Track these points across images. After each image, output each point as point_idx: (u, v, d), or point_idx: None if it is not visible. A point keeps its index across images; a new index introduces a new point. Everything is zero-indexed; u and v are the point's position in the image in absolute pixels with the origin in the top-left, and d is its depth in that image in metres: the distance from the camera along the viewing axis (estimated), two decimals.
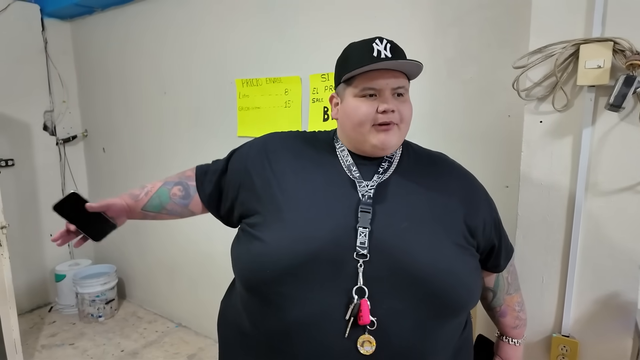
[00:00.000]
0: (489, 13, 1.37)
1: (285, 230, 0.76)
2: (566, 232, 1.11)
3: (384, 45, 0.79)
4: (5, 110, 2.60)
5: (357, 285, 0.71)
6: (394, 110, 0.78)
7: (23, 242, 2.75)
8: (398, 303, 0.72)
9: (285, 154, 0.87)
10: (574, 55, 1.01)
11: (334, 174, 0.83)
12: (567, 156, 1.09)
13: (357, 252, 0.72)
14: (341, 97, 0.84)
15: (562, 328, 1.13)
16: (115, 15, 2.61)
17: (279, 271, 0.74)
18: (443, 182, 0.85)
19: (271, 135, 0.93)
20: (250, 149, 0.91)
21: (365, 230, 0.74)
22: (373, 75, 0.78)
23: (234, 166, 0.91)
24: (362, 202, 0.77)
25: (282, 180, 0.82)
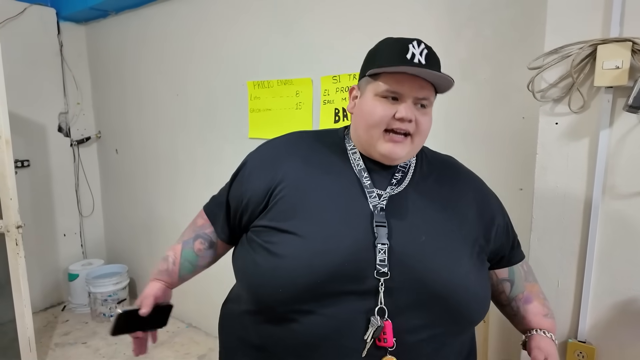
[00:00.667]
0: (503, 13, 1.36)
1: (301, 245, 0.71)
2: (582, 235, 1.09)
3: (420, 49, 0.73)
4: (21, 112, 2.65)
5: (379, 306, 0.68)
6: (411, 120, 0.73)
7: (37, 242, 2.80)
8: (417, 320, 0.71)
9: (293, 161, 0.80)
10: (591, 56, 1.00)
11: (346, 181, 0.78)
12: (583, 158, 1.07)
13: (377, 270, 0.69)
14: (362, 91, 0.78)
15: (579, 333, 1.11)
16: (129, 18, 2.65)
17: (297, 291, 0.70)
18: (458, 189, 0.84)
19: (274, 144, 0.87)
20: (252, 163, 0.85)
21: (385, 246, 0.70)
22: (401, 78, 0.72)
23: (236, 193, 0.84)
24: (376, 215, 0.73)
25: (292, 191, 0.76)
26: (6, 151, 1.82)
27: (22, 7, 2.61)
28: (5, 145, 1.82)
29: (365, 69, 0.78)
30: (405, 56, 0.72)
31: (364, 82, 0.78)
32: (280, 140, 0.87)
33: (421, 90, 0.73)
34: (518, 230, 1.30)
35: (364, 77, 0.78)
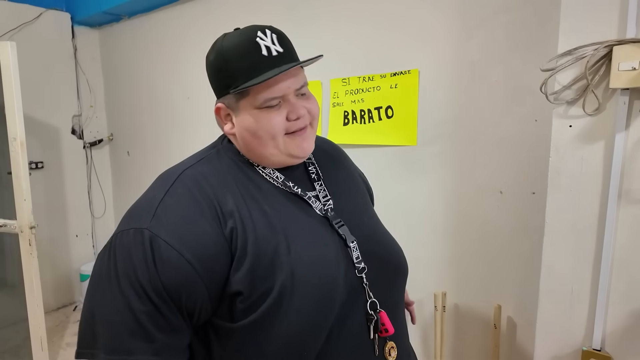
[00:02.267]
0: (516, 15, 1.34)
1: (297, 294, 0.62)
2: (597, 240, 1.07)
3: (269, 37, 0.65)
4: (36, 115, 2.70)
5: (369, 300, 0.68)
6: (303, 114, 0.68)
7: (50, 242, 2.84)
8: (391, 294, 0.74)
9: (226, 204, 0.64)
10: (606, 57, 0.98)
11: (282, 199, 0.69)
12: (598, 162, 1.05)
13: (357, 269, 0.69)
14: (233, 110, 0.68)
15: (593, 341, 1.08)
16: (141, 22, 2.69)
17: (318, 341, 0.64)
18: (341, 162, 0.87)
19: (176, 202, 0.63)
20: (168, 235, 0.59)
21: (354, 243, 0.70)
22: (270, 82, 0.64)
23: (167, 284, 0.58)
24: (331, 217, 0.71)
25: (250, 237, 0.62)
26: (21, 153, 1.85)
27: (38, 12, 2.66)
28: (20, 147, 1.85)
29: (223, 85, 0.67)
30: (261, 54, 0.63)
31: (231, 99, 0.67)
32: (181, 192, 0.65)
33: (296, 80, 0.67)
34: (531, 234, 1.28)
35: (225, 94, 0.67)
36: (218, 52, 0.67)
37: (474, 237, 1.55)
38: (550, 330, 1.14)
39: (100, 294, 0.60)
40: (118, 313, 0.57)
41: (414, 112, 1.59)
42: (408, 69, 1.59)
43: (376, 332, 0.68)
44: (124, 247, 0.59)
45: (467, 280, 1.58)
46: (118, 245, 0.60)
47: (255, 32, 0.65)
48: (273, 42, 0.65)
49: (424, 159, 1.63)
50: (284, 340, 0.62)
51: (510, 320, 1.49)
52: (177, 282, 0.58)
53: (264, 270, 0.61)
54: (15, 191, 1.88)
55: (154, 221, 0.60)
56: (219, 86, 0.69)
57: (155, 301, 0.57)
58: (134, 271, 0.57)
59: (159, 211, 0.61)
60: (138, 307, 0.57)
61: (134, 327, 0.57)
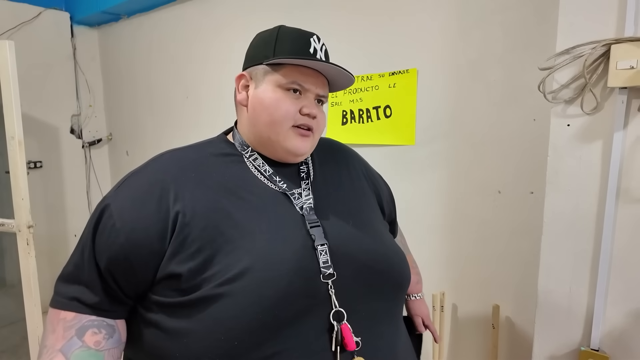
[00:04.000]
0: (514, 14, 1.34)
1: (241, 282, 0.60)
2: (595, 240, 1.06)
3: (320, 44, 0.72)
4: (35, 114, 2.70)
5: (333, 310, 0.64)
6: (316, 116, 0.70)
7: (49, 242, 2.83)
8: (373, 305, 0.69)
9: (185, 189, 0.65)
10: (604, 56, 0.97)
11: (261, 191, 0.69)
12: (596, 161, 1.04)
13: (323, 274, 0.64)
14: (256, 82, 0.70)
15: (591, 342, 1.08)
16: (141, 21, 2.69)
17: (251, 333, 0.60)
18: (348, 166, 0.85)
19: (141, 177, 0.68)
20: (119, 207, 0.64)
21: (324, 247, 0.66)
22: (306, 72, 0.69)
23: (109, 251, 0.62)
24: (307, 216, 0.69)
25: (199, 225, 0.62)
26: (19, 152, 1.85)
27: (37, 11, 2.66)
28: (18, 146, 1.84)
29: (260, 56, 0.70)
30: (308, 50, 0.69)
31: (259, 71, 0.70)
32: (149, 170, 0.68)
33: (323, 88, 0.72)
34: (529, 234, 1.28)
35: (258, 64, 0.70)
36: (274, 30, 0.72)
37: (472, 237, 1.55)
38: (549, 330, 1.14)
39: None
40: (70, 260, 0.66)
41: (412, 111, 1.59)
42: (406, 69, 1.58)
43: (339, 344, 0.63)
44: (95, 210, 0.68)
45: (465, 280, 1.58)
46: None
47: (312, 34, 0.72)
48: (321, 49, 0.72)
49: (422, 159, 1.62)
50: (218, 327, 0.59)
51: (509, 320, 1.49)
52: (104, 247, 0.62)
53: (207, 257, 0.61)
54: (13, 190, 1.88)
55: (114, 193, 0.67)
56: (257, 55, 0.72)
57: (86, 256, 0.64)
58: (87, 227, 0.65)
59: (122, 185, 0.67)
60: (75, 257, 0.65)
61: (67, 271, 0.66)
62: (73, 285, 0.64)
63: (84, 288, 0.64)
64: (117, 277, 0.63)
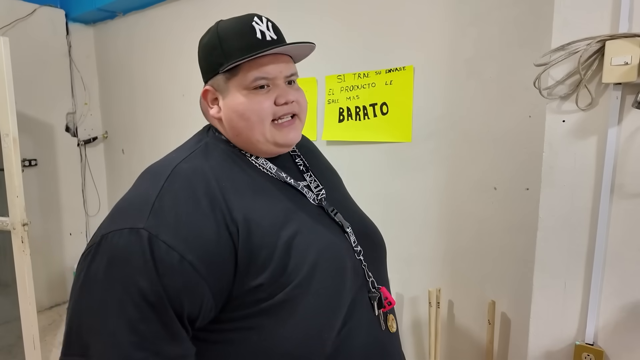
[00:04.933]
0: (510, 11, 1.35)
1: (316, 276, 0.63)
2: (590, 235, 1.07)
3: (264, 24, 0.67)
4: (29, 112, 2.68)
5: (370, 279, 0.72)
6: (293, 100, 0.69)
7: (44, 240, 2.82)
8: (381, 271, 0.78)
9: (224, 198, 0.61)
10: (599, 52, 0.98)
11: (280, 187, 0.70)
12: (591, 157, 1.05)
13: (356, 252, 0.72)
14: (222, 92, 0.68)
15: (586, 336, 1.09)
16: (136, 19, 2.67)
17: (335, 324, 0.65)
18: (314, 149, 0.89)
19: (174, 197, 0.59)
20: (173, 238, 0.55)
21: (350, 229, 0.73)
22: (263, 61, 0.65)
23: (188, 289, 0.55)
24: (326, 206, 0.73)
25: (257, 231, 0.60)
26: (13, 149, 1.83)
27: (32, 8, 2.64)
28: (13, 144, 1.83)
29: (214, 66, 0.67)
30: (256, 37, 0.65)
31: (220, 80, 0.68)
32: (179, 186, 0.60)
33: (287, 67, 0.68)
34: (525, 230, 1.29)
35: (215, 74, 0.68)
36: (213, 33, 0.69)
37: (468, 233, 1.55)
38: (544, 326, 1.14)
39: (91, 301, 0.54)
40: (114, 324, 0.52)
41: (408, 108, 1.59)
42: (403, 66, 1.59)
43: (380, 307, 0.71)
44: (117, 250, 0.54)
45: (461, 277, 1.59)
46: (109, 247, 0.55)
47: (252, 17, 0.68)
48: (268, 28, 0.68)
49: (419, 156, 1.63)
50: (302, 325, 0.62)
51: (504, 316, 1.49)
52: (180, 287, 0.54)
53: (279, 261, 0.60)
54: (8, 188, 1.86)
55: (151, 220, 0.54)
56: (210, 66, 0.69)
57: (157, 308, 0.53)
58: (131, 276, 0.52)
59: (156, 208, 0.56)
60: (135, 315, 0.52)
61: (131, 338, 0.52)
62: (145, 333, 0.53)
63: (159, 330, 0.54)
64: (200, 317, 0.57)
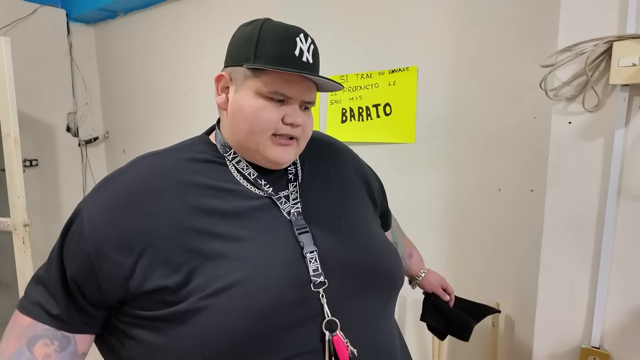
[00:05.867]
0: (515, 11, 1.34)
1: (229, 295, 0.57)
2: (596, 238, 1.06)
3: (307, 44, 0.65)
4: (30, 112, 2.67)
5: (326, 319, 0.61)
6: (300, 125, 0.66)
7: (45, 241, 2.79)
8: (370, 305, 0.68)
9: (161, 199, 0.62)
10: (606, 53, 0.97)
11: (245, 196, 0.66)
12: (598, 158, 1.04)
13: (313, 282, 0.62)
14: (237, 84, 0.66)
15: (592, 339, 1.08)
16: (138, 19, 2.66)
17: (244, 344, 0.58)
18: (338, 161, 0.82)
19: (118, 184, 0.64)
20: (91, 215, 0.61)
21: (314, 254, 0.64)
22: (289, 78, 0.64)
23: (76, 259, 0.61)
24: (295, 222, 0.66)
25: (178, 235, 0.60)
26: (14, 149, 1.83)
27: (33, 7, 2.63)
28: (14, 144, 1.82)
29: (240, 58, 0.65)
30: (293, 52, 0.63)
31: (239, 74, 0.66)
32: (126, 176, 0.65)
33: (310, 94, 0.67)
34: (529, 232, 1.28)
35: (238, 65, 0.66)
36: (256, 26, 0.66)
37: (472, 235, 1.54)
38: (549, 328, 1.13)
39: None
40: (45, 266, 0.65)
41: (412, 109, 1.59)
42: (406, 66, 1.58)
43: (332, 355, 0.60)
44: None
45: (465, 279, 1.58)
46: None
47: (299, 32, 0.65)
48: (308, 50, 0.65)
49: (422, 157, 1.62)
50: (205, 341, 0.57)
51: (509, 318, 1.49)
52: (71, 255, 0.61)
53: (194, 267, 0.58)
54: (9, 188, 1.86)
55: (88, 197, 0.65)
56: (237, 55, 0.67)
57: (58, 266, 0.62)
58: (60, 235, 0.64)
59: (97, 189, 0.65)
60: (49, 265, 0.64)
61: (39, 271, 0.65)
62: (40, 288, 0.63)
63: (48, 294, 0.62)
64: (82, 288, 0.60)
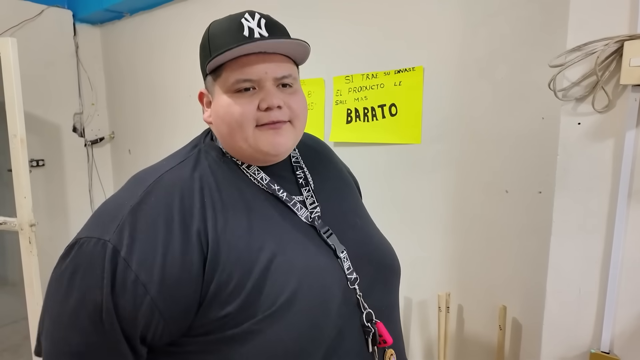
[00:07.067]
0: (522, 11, 1.32)
1: (295, 303, 0.58)
2: (606, 241, 1.04)
3: (256, 21, 0.61)
4: (37, 112, 2.69)
5: (365, 312, 0.65)
6: (280, 105, 0.61)
7: (51, 241, 2.82)
8: (389, 297, 0.73)
9: (200, 214, 0.58)
10: (617, 53, 0.95)
11: (269, 203, 0.65)
12: (607, 160, 1.02)
13: (349, 280, 0.64)
14: (211, 94, 0.65)
15: (602, 344, 1.06)
16: (143, 19, 2.67)
17: (308, 346, 0.60)
18: (329, 159, 0.84)
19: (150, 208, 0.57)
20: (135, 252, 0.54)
21: (344, 253, 0.66)
22: (247, 61, 0.59)
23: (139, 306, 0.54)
24: (319, 225, 0.67)
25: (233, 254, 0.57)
26: (21, 150, 1.84)
27: (40, 9, 2.65)
28: (20, 144, 1.83)
29: (203, 65, 0.64)
30: (242, 34, 0.59)
31: (209, 83, 0.65)
32: (155, 200, 0.58)
33: (278, 68, 0.61)
34: (537, 234, 1.26)
35: (206, 76, 0.65)
36: (205, 32, 0.66)
37: (479, 236, 1.53)
38: (557, 332, 1.12)
39: (53, 303, 0.56)
40: (65, 331, 0.54)
41: (418, 110, 1.57)
42: (412, 66, 1.57)
43: (374, 344, 0.64)
44: (84, 257, 0.55)
45: (471, 281, 1.56)
46: (78, 253, 0.56)
47: (243, 13, 0.63)
48: (259, 25, 0.61)
49: (428, 158, 1.60)
50: (274, 357, 0.58)
51: (516, 321, 1.47)
52: (130, 309, 0.53)
53: (252, 289, 0.56)
54: (16, 188, 1.87)
55: (119, 233, 0.55)
56: (202, 66, 0.66)
57: (106, 325, 0.53)
58: (90, 288, 0.53)
59: (126, 222, 0.55)
60: (85, 327, 0.53)
61: (74, 348, 0.53)
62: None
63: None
64: (150, 340, 0.55)
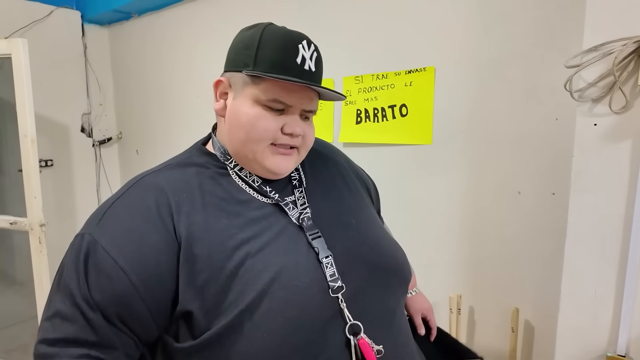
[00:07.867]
0: (536, 11, 1.31)
1: (265, 304, 0.58)
2: (623, 243, 1.03)
3: (310, 52, 0.63)
4: (46, 112, 2.70)
5: (349, 323, 0.61)
6: (300, 135, 0.65)
7: (60, 240, 2.82)
8: (388, 303, 0.69)
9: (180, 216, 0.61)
10: (635, 53, 0.94)
11: (254, 205, 0.65)
12: (624, 161, 1.01)
13: (331, 288, 0.61)
14: (235, 91, 0.65)
15: (618, 347, 1.05)
16: (151, 20, 2.68)
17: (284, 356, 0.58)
18: (335, 162, 0.83)
19: (127, 208, 0.62)
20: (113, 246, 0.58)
21: (329, 259, 0.63)
22: (289, 87, 0.62)
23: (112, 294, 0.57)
24: (306, 227, 0.65)
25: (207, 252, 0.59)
26: (31, 150, 1.84)
27: (49, 9, 2.66)
28: (31, 145, 1.84)
29: (239, 63, 0.63)
30: (295, 60, 0.61)
31: (238, 80, 0.64)
32: (135, 196, 0.63)
33: (310, 103, 0.65)
34: (551, 236, 1.25)
35: (237, 71, 0.64)
36: (257, 31, 0.64)
37: (491, 238, 1.52)
38: (572, 335, 1.11)
39: (50, 293, 0.62)
40: (51, 316, 0.58)
41: (429, 110, 1.57)
42: (423, 67, 1.56)
43: (359, 358, 0.61)
44: (72, 253, 0.60)
45: (483, 283, 1.55)
46: (69, 250, 0.61)
47: (302, 38, 0.64)
48: (311, 58, 0.64)
49: (440, 159, 1.60)
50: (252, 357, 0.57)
51: (528, 324, 1.46)
52: (110, 294, 0.56)
53: (221, 287, 0.57)
54: (26, 188, 1.88)
55: (99, 226, 0.60)
56: (237, 60, 0.65)
57: (84, 311, 0.56)
58: (70, 279, 0.58)
59: (106, 216, 0.61)
60: (66, 314, 0.57)
61: (51, 334, 0.57)
62: (74, 348, 0.56)
63: (88, 349, 0.56)
64: (129, 324, 0.58)
